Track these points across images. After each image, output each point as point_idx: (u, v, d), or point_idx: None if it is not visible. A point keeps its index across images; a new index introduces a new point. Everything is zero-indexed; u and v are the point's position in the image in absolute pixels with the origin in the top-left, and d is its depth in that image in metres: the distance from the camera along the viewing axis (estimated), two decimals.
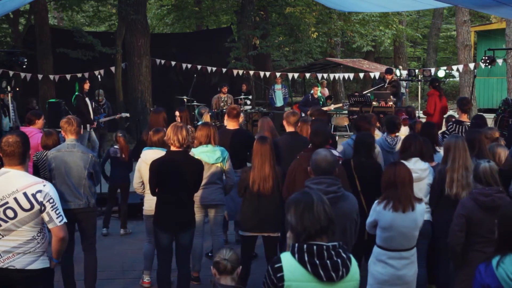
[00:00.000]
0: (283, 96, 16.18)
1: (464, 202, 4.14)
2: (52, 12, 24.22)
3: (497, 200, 3.99)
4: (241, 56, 17.02)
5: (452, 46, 30.12)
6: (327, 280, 2.68)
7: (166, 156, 5.04)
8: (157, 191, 5.03)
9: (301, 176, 4.69)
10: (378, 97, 11.80)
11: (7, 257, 3.60)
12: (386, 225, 4.22)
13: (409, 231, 4.23)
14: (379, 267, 4.27)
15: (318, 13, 19.81)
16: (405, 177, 4.20)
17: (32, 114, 7.10)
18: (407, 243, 4.25)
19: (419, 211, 4.25)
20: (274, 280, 2.71)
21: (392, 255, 4.24)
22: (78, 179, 5.17)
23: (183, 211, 5.01)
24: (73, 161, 5.16)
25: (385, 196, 4.27)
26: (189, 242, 5.15)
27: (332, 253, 2.70)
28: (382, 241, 4.28)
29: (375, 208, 4.32)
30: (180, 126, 5.01)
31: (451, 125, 7.41)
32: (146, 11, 16.34)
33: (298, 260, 2.70)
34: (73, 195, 5.15)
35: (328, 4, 12.95)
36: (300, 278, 2.70)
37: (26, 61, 10.35)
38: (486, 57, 11.27)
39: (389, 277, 4.23)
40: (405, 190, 4.20)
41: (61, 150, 5.22)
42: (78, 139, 5.30)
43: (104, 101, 12.11)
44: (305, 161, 4.73)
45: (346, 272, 2.72)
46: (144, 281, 5.83)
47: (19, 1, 8.67)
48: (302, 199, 2.79)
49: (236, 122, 6.67)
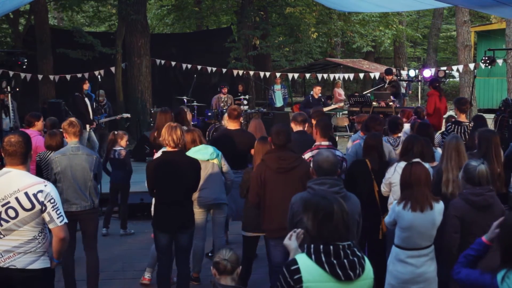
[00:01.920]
0: (283, 96, 16.18)
1: (455, 203, 4.14)
2: (52, 12, 24.21)
3: (489, 199, 4.02)
4: (241, 56, 17.02)
5: (452, 46, 30.12)
6: (345, 279, 2.70)
7: (162, 157, 5.04)
8: (155, 192, 5.04)
9: (271, 178, 4.69)
10: (378, 98, 11.82)
11: (8, 257, 3.60)
12: (405, 225, 4.24)
13: (427, 231, 4.25)
14: (399, 267, 4.29)
15: (318, 13, 19.81)
16: (420, 176, 4.21)
17: (31, 116, 7.10)
18: (425, 242, 4.27)
19: (437, 210, 4.25)
20: (291, 282, 2.70)
21: (411, 254, 4.26)
22: (84, 181, 5.19)
23: (181, 212, 5.01)
24: (79, 164, 5.17)
25: (403, 197, 4.29)
26: (188, 242, 5.14)
27: (348, 252, 2.72)
28: (401, 241, 4.30)
29: (394, 208, 4.35)
30: (175, 126, 5.00)
31: (450, 126, 7.42)
32: (146, 11, 16.34)
33: (315, 261, 2.70)
34: (79, 197, 5.17)
35: (328, 4, 12.96)
36: (318, 279, 2.70)
37: (26, 61, 10.33)
38: (486, 57, 11.26)
39: (410, 276, 4.25)
40: (421, 189, 4.21)
41: (66, 153, 5.22)
42: (80, 141, 5.31)
43: (105, 101, 12.10)
44: (272, 161, 4.74)
45: (362, 271, 2.74)
46: (145, 277, 5.83)
47: (18, 1, 8.68)
48: (322, 206, 2.77)
49: (237, 122, 6.68)
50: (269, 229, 4.74)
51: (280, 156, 4.75)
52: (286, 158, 4.74)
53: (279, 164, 4.71)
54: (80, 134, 5.29)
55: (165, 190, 4.97)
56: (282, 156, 4.75)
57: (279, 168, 4.70)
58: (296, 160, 4.78)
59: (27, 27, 17.03)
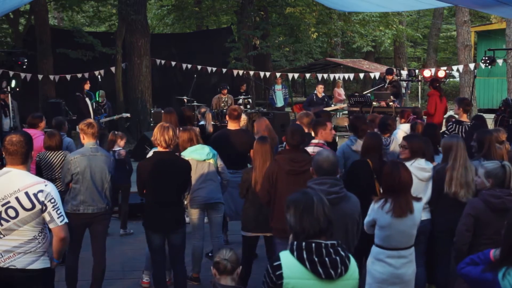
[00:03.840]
0: (283, 96, 16.18)
1: (474, 202, 4.13)
2: (52, 12, 24.21)
3: (507, 203, 3.99)
4: (241, 56, 17.04)
5: (452, 46, 30.12)
6: (326, 278, 2.70)
7: (153, 157, 5.05)
8: (146, 192, 5.04)
9: (282, 178, 4.69)
10: (378, 97, 11.81)
11: (8, 257, 3.60)
12: (384, 224, 4.20)
13: (408, 230, 4.22)
14: (378, 266, 4.27)
15: (318, 13, 19.82)
16: (408, 182, 4.16)
17: (34, 118, 7.09)
18: (405, 242, 4.24)
19: (417, 210, 4.22)
20: (274, 278, 2.74)
21: (391, 254, 4.23)
22: (102, 183, 5.19)
23: (172, 211, 5.01)
24: (98, 165, 5.16)
25: (384, 197, 4.22)
26: (181, 242, 5.14)
27: (331, 250, 2.72)
28: (381, 240, 4.27)
29: (373, 207, 4.29)
30: (167, 126, 5.01)
31: (451, 125, 7.43)
32: (146, 11, 16.35)
33: (297, 258, 2.72)
34: (96, 199, 5.16)
35: (328, 4, 12.97)
36: (299, 276, 2.71)
37: (26, 61, 10.34)
38: (486, 57, 11.27)
39: (388, 276, 4.23)
40: (406, 196, 4.16)
41: (85, 154, 5.18)
42: (96, 142, 5.30)
43: (105, 102, 12.11)
44: (284, 162, 4.75)
45: (345, 270, 2.74)
46: (144, 281, 5.82)
47: (18, 0, 8.68)
48: (302, 199, 2.79)
49: (237, 123, 6.67)
50: (277, 228, 4.74)
51: (292, 158, 4.74)
52: (298, 161, 4.73)
53: (291, 166, 4.71)
54: (97, 135, 5.30)
55: (157, 190, 4.97)
56: (294, 158, 4.73)
57: (290, 170, 4.69)
58: (308, 163, 4.77)
59: (27, 27, 17.04)
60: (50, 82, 15.31)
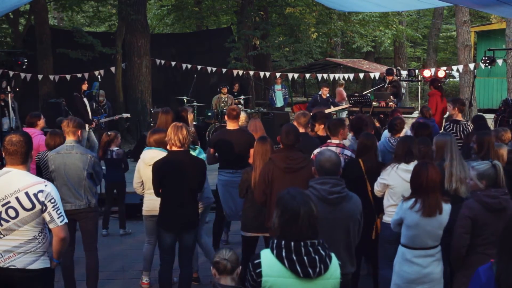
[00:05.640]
0: (283, 96, 16.18)
1: (469, 204, 4.09)
2: (52, 12, 24.21)
3: (503, 202, 3.97)
4: (241, 56, 17.02)
5: (452, 46, 30.12)
6: (304, 276, 2.72)
7: (168, 157, 5.04)
8: (161, 191, 5.04)
9: (279, 177, 4.69)
10: (378, 98, 11.79)
11: (8, 257, 3.60)
12: (412, 223, 4.19)
13: (434, 230, 4.21)
14: (405, 267, 4.27)
15: (318, 13, 19.81)
16: (436, 181, 4.13)
17: (32, 117, 7.11)
18: (432, 242, 4.25)
19: (445, 212, 4.21)
20: (254, 275, 2.78)
21: (418, 254, 4.23)
22: (77, 180, 5.19)
23: (187, 211, 5.01)
24: (72, 163, 5.19)
25: (414, 197, 4.19)
26: (192, 242, 5.17)
27: (310, 249, 2.74)
28: (408, 240, 4.27)
29: (401, 206, 4.28)
30: (180, 126, 5.01)
31: (448, 125, 7.45)
32: (146, 11, 16.34)
33: (276, 256, 2.75)
34: (73, 196, 5.18)
35: (328, 4, 12.95)
36: (278, 274, 2.74)
37: (26, 61, 10.34)
38: (486, 58, 11.28)
39: (416, 276, 4.23)
40: (436, 195, 4.13)
41: (60, 152, 5.26)
42: (77, 140, 5.31)
43: (105, 102, 12.09)
44: (280, 160, 4.75)
45: (325, 270, 2.75)
46: (143, 282, 5.82)
47: (17, 0, 8.67)
48: (289, 208, 2.79)
49: (236, 122, 6.67)
50: None
51: (288, 155, 4.75)
52: (294, 158, 4.74)
53: (287, 163, 4.72)
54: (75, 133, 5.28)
55: (171, 189, 4.97)
56: (290, 156, 4.75)
57: (287, 168, 4.70)
58: (304, 160, 4.79)
59: (27, 27, 17.02)
60: (50, 82, 15.30)
